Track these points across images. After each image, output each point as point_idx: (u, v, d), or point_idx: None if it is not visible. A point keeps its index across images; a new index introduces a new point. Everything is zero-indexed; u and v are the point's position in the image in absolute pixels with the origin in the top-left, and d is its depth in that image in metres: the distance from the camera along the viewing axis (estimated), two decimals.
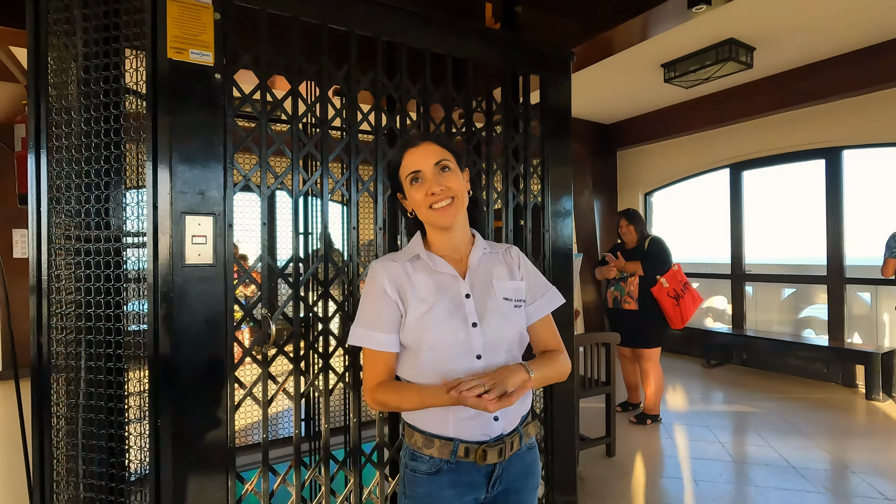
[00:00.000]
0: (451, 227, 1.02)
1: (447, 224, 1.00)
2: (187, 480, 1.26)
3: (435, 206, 0.98)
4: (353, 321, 1.04)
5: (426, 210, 0.99)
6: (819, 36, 3.63)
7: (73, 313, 1.34)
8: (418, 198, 1.00)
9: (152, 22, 1.23)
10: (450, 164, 1.00)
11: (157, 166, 1.23)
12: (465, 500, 0.99)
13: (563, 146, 1.93)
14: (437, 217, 0.99)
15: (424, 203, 0.99)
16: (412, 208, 1.04)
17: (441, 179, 0.98)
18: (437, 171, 0.99)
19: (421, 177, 1.00)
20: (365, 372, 1.03)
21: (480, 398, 0.84)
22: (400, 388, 0.99)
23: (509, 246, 1.14)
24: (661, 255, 3.36)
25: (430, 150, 1.00)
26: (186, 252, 1.25)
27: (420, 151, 1.00)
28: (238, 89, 1.36)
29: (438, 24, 1.63)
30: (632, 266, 3.37)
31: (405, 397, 0.97)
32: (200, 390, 1.28)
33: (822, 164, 4.62)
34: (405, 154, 1.03)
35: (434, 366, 0.97)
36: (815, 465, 2.74)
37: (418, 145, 1.02)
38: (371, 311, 1.00)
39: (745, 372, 4.86)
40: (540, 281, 1.11)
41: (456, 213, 1.00)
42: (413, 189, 1.00)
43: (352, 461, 1.54)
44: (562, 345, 1.11)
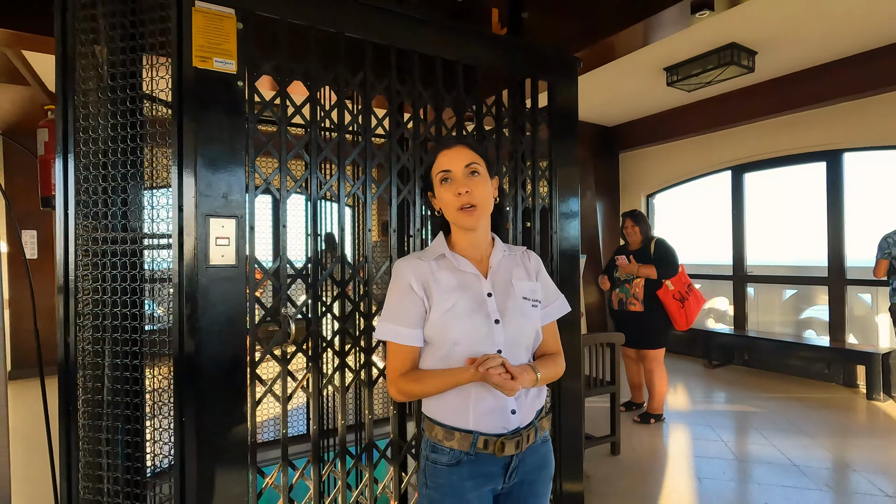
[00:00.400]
0: (475, 228, 1.07)
1: (472, 226, 1.06)
2: (210, 474, 1.31)
3: (463, 207, 1.03)
4: (380, 316, 1.08)
5: (453, 210, 1.04)
6: (819, 40, 3.68)
7: (99, 312, 1.39)
8: (446, 197, 1.05)
9: (178, 31, 1.28)
10: (479, 168, 1.05)
11: (183, 170, 1.27)
12: (484, 490, 1.03)
13: (570, 149, 1.97)
14: (463, 218, 1.04)
15: (452, 203, 1.04)
16: (440, 207, 1.09)
17: (469, 182, 1.03)
18: (467, 173, 1.04)
19: (451, 177, 1.04)
20: (389, 365, 1.07)
21: (502, 376, 0.92)
22: (422, 376, 1.04)
23: (526, 249, 1.20)
24: (669, 258, 3.39)
25: (463, 153, 1.05)
26: (210, 253, 1.29)
27: (453, 153, 1.05)
28: (259, 96, 1.40)
29: (451, 31, 1.68)
30: (645, 270, 3.38)
31: (428, 383, 1.03)
32: (223, 387, 1.32)
33: (822, 166, 4.67)
34: (439, 155, 1.08)
35: (457, 360, 1.01)
36: (816, 463, 2.78)
37: (452, 147, 1.07)
38: (397, 306, 1.05)
39: (746, 372, 4.90)
40: (551, 288, 1.18)
41: (480, 217, 1.05)
42: (442, 188, 1.05)
43: (367, 456, 1.58)
44: (560, 347, 1.19)
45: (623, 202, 6.26)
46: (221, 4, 1.31)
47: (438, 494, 1.02)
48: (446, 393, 1.03)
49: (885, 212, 4.46)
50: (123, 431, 1.39)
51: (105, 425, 1.40)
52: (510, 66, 1.83)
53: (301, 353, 1.49)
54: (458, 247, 1.11)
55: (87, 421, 1.43)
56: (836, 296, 4.60)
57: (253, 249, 1.37)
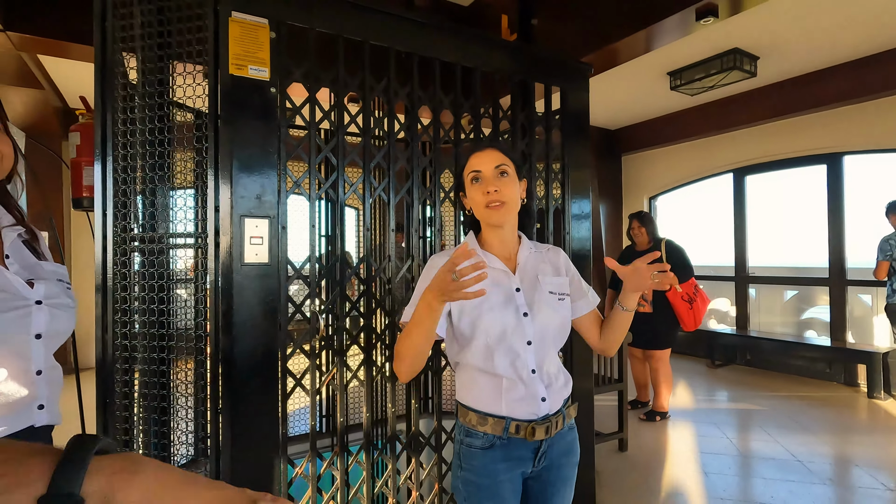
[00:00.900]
0: (502, 225, 1.13)
1: (499, 222, 1.12)
2: (245, 464, 1.36)
3: (490, 205, 1.09)
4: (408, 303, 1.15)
5: (482, 208, 1.11)
6: (821, 46, 3.76)
7: (137, 309, 1.45)
8: (476, 196, 1.11)
9: (214, 41, 1.34)
10: (508, 170, 1.12)
11: (219, 172, 1.34)
12: (515, 473, 1.10)
13: (582, 152, 2.04)
14: (490, 214, 1.10)
15: (481, 201, 1.10)
16: (470, 206, 1.16)
17: (498, 182, 1.10)
18: (497, 174, 1.10)
19: (481, 177, 1.11)
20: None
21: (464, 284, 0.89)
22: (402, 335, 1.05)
23: (551, 246, 1.27)
24: (685, 263, 3.45)
25: (493, 155, 1.12)
26: (245, 252, 1.36)
27: (484, 155, 1.12)
28: (290, 102, 1.47)
29: (470, 39, 1.74)
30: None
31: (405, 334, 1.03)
32: (257, 380, 1.38)
33: (823, 169, 4.74)
34: (471, 157, 1.15)
35: (486, 350, 1.08)
36: (819, 459, 2.84)
37: (483, 150, 1.13)
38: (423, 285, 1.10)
39: (749, 372, 4.96)
40: (583, 283, 1.25)
41: (507, 214, 1.11)
42: (473, 188, 1.12)
43: (390, 448, 1.64)
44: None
45: (626, 204, 6.33)
46: (256, 15, 1.38)
47: (473, 476, 1.08)
48: (479, 382, 1.10)
49: (884, 214, 4.52)
50: (157, 422, 1.45)
51: (142, 417, 1.46)
52: (525, 73, 1.89)
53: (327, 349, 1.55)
54: (486, 244, 1.18)
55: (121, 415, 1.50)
56: (837, 296, 4.67)
57: (285, 248, 1.43)
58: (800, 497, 2.40)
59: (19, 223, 1.00)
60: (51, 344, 0.96)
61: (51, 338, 0.96)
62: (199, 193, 1.59)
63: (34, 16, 2.68)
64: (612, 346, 1.22)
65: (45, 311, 0.94)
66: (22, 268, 0.96)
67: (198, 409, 1.52)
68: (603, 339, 1.22)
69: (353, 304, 1.59)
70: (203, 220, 1.44)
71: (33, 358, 0.92)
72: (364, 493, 1.59)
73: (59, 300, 0.98)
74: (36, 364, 0.93)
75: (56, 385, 0.98)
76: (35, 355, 0.93)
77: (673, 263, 3.41)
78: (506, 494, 1.08)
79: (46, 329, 0.94)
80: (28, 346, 0.92)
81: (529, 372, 1.09)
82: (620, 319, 1.17)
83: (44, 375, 0.94)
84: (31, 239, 1.04)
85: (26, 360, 0.91)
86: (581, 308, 1.22)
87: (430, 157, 1.71)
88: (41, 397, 0.94)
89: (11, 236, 0.98)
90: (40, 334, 0.93)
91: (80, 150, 1.80)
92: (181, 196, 1.57)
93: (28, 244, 1.02)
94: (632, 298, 1.13)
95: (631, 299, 1.13)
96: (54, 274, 1.02)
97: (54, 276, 1.01)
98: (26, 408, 0.91)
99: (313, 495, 1.49)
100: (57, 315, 0.96)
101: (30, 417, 0.92)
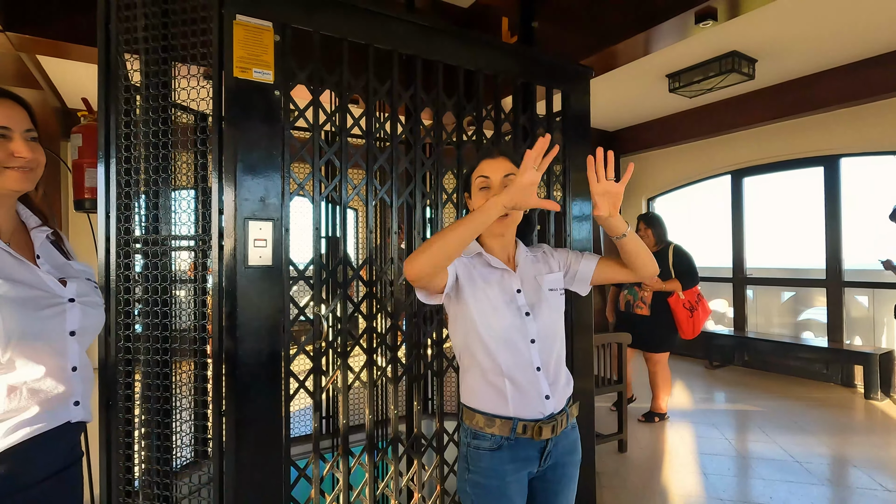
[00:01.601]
0: (503, 235, 1.18)
1: (501, 233, 1.17)
2: (247, 466, 1.37)
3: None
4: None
5: None
6: (819, 49, 3.78)
7: (140, 311, 1.45)
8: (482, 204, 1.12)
9: (219, 43, 1.35)
10: None
11: (223, 175, 1.34)
12: (521, 473, 1.11)
13: (583, 154, 2.05)
14: (494, 225, 1.11)
15: None
16: (474, 209, 1.16)
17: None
18: (504, 184, 1.13)
19: (489, 184, 1.14)
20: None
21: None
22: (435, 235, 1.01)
23: (537, 244, 1.31)
24: (691, 271, 3.45)
25: (503, 164, 1.14)
26: (249, 254, 1.36)
27: (495, 163, 1.15)
28: (294, 104, 1.47)
29: (473, 42, 1.75)
30: (671, 285, 3.40)
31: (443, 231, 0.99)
32: (260, 382, 1.38)
33: (820, 171, 4.77)
34: (482, 162, 1.17)
35: (490, 349, 1.10)
36: (818, 459, 2.85)
37: (495, 158, 1.16)
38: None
39: (746, 373, 4.98)
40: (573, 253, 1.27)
41: (509, 225, 1.15)
42: (479, 194, 1.15)
43: (392, 450, 1.64)
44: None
45: (624, 205, 6.32)
46: (260, 18, 1.38)
47: (481, 478, 1.10)
48: (485, 384, 1.11)
49: (881, 216, 4.55)
50: (159, 424, 1.45)
51: (144, 419, 1.46)
52: (528, 75, 1.90)
53: (330, 351, 1.56)
54: (486, 246, 1.21)
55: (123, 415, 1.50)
56: (834, 298, 4.69)
57: (288, 251, 1.44)
58: (799, 497, 2.41)
59: (45, 224, 1.02)
60: (84, 341, 0.98)
61: (84, 335, 0.98)
62: (203, 195, 1.59)
63: (34, 16, 2.67)
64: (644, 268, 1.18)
65: (77, 309, 0.96)
66: (53, 267, 0.98)
67: (200, 410, 1.52)
68: (632, 268, 1.18)
69: (355, 306, 1.60)
70: (206, 221, 1.44)
71: (69, 355, 0.94)
72: (367, 494, 1.59)
73: (90, 298, 1.01)
74: (72, 361, 0.95)
75: (89, 382, 1.00)
76: (71, 352, 0.95)
77: (678, 269, 3.44)
78: (513, 495, 1.10)
79: (80, 326, 0.96)
80: (65, 343, 0.94)
81: (534, 370, 1.11)
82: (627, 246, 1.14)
83: (79, 372, 0.96)
84: (58, 239, 1.07)
85: (63, 357, 0.93)
86: (589, 264, 1.22)
87: (433, 160, 1.72)
88: (77, 393, 0.95)
89: (41, 237, 1.00)
90: (74, 331, 0.95)
91: (82, 151, 1.80)
92: (184, 198, 1.58)
93: (55, 244, 1.04)
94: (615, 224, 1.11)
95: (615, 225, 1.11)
96: (83, 273, 1.04)
97: (83, 274, 1.04)
98: (63, 404, 0.93)
99: (316, 497, 1.50)
100: (89, 312, 0.99)
101: (67, 413, 0.94)
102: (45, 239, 1.01)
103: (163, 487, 1.45)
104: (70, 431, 0.95)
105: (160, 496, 1.45)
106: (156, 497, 1.44)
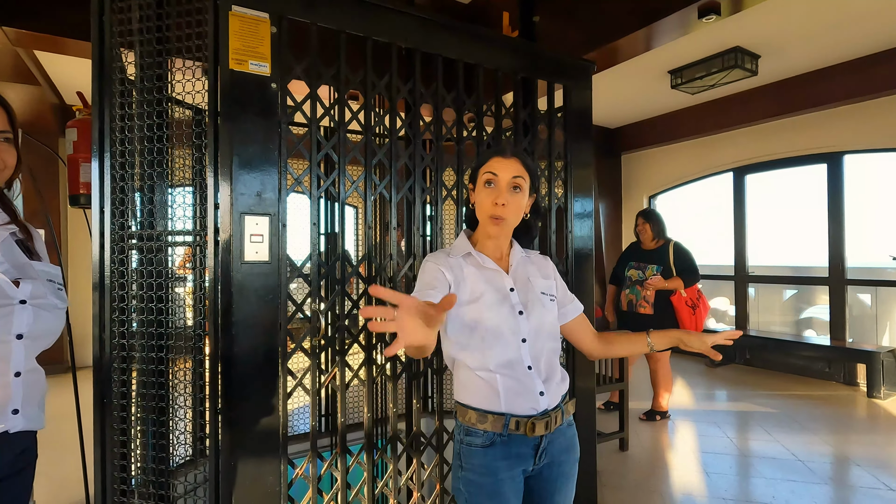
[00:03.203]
0: (498, 237, 1.16)
1: (496, 235, 1.15)
2: (244, 465, 1.35)
3: (494, 216, 1.11)
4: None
5: (485, 215, 1.12)
6: (822, 45, 3.75)
7: (135, 308, 1.43)
8: (484, 201, 1.12)
9: (214, 35, 1.32)
10: (523, 185, 1.13)
11: (219, 169, 1.32)
12: (515, 471, 1.09)
13: (585, 151, 2.03)
14: (490, 226, 1.12)
15: (487, 209, 1.11)
16: (475, 202, 1.17)
17: (509, 196, 1.10)
18: (510, 186, 1.11)
19: (495, 182, 1.11)
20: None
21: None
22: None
23: (539, 254, 1.30)
24: (692, 268, 3.42)
25: (514, 165, 1.12)
26: (245, 250, 1.34)
27: (505, 162, 1.12)
28: (291, 98, 1.45)
29: (473, 36, 1.73)
30: (673, 283, 3.37)
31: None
32: (257, 380, 1.36)
33: (823, 168, 4.74)
34: (493, 158, 1.14)
35: (483, 348, 1.08)
36: (820, 458, 2.83)
37: (507, 157, 1.13)
38: (428, 280, 1.10)
39: (748, 371, 4.96)
40: (568, 291, 1.29)
41: (505, 228, 1.14)
42: (484, 191, 1.12)
43: (391, 448, 1.62)
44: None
45: (625, 203, 6.32)
46: (256, 9, 1.36)
47: (474, 475, 1.08)
48: (477, 380, 1.10)
49: (884, 213, 4.53)
50: (154, 422, 1.43)
51: (140, 417, 1.44)
52: (529, 70, 1.88)
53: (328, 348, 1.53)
54: (480, 244, 1.19)
55: (118, 414, 1.48)
56: (837, 296, 4.67)
57: (285, 246, 1.41)
58: (801, 497, 2.39)
59: (13, 221, 0.98)
60: (34, 345, 0.94)
61: (34, 339, 0.93)
62: (198, 190, 1.57)
63: (30, 11, 2.65)
64: (607, 356, 1.29)
65: (28, 311, 0.92)
66: (12, 266, 0.94)
67: (196, 408, 1.50)
68: (607, 347, 1.26)
69: (354, 302, 1.57)
70: (202, 217, 1.42)
71: (12, 359, 0.90)
72: (365, 493, 1.57)
73: (46, 300, 0.96)
74: (14, 366, 0.90)
75: (36, 388, 0.95)
76: (14, 356, 0.90)
77: (679, 267, 3.42)
78: (507, 493, 1.08)
79: (29, 330, 0.91)
80: (8, 347, 0.89)
81: (525, 368, 1.10)
82: (637, 347, 1.23)
83: (22, 378, 0.91)
84: (26, 238, 1.02)
85: (4, 362, 0.89)
86: (569, 312, 1.25)
87: (432, 155, 1.70)
88: (16, 401, 0.90)
89: (3, 234, 0.96)
90: (22, 335, 0.90)
91: (77, 146, 1.78)
92: (180, 193, 1.56)
93: (21, 243, 1.00)
94: (666, 344, 1.20)
95: (664, 344, 1.20)
96: (45, 274, 1.00)
97: (44, 275, 0.99)
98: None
99: (314, 496, 1.48)
100: (42, 315, 0.94)
101: (3, 422, 0.89)
102: (7, 236, 0.97)
103: (158, 486, 1.43)
104: (7, 442, 0.90)
105: (156, 495, 1.43)
106: (151, 496, 1.42)
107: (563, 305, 1.24)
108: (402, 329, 0.68)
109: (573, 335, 1.27)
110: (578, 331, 1.26)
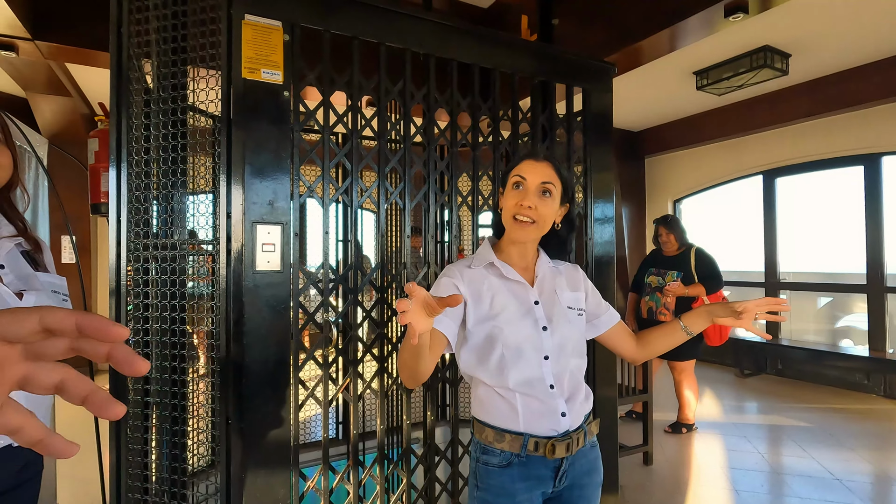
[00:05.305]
0: (524, 242, 1.09)
1: (522, 239, 1.08)
2: (255, 476, 1.33)
3: (518, 218, 1.05)
4: None
5: (510, 218, 1.07)
6: (857, 41, 3.59)
7: (150, 316, 1.43)
8: (509, 203, 1.07)
9: (227, 44, 1.32)
10: (553, 191, 1.07)
11: (231, 178, 1.31)
12: (534, 493, 1.04)
13: (605, 155, 1.96)
14: (515, 228, 1.07)
15: (512, 210, 1.06)
16: (502, 207, 1.12)
17: (538, 200, 1.05)
18: (539, 190, 1.06)
19: (524, 185, 1.06)
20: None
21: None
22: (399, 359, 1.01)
23: (569, 263, 1.23)
24: (715, 274, 3.31)
25: (545, 170, 1.07)
26: (257, 259, 1.33)
27: (537, 166, 1.07)
28: (303, 105, 1.44)
29: (489, 40, 1.69)
30: (695, 290, 3.27)
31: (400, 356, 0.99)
32: (268, 390, 1.35)
33: (860, 170, 4.53)
34: (524, 161, 1.10)
35: (502, 363, 1.03)
36: (860, 477, 2.68)
37: (538, 161, 1.08)
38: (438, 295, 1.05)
39: (780, 382, 4.76)
40: (602, 300, 1.22)
41: (532, 233, 1.07)
42: (511, 193, 1.08)
43: (405, 461, 1.59)
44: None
45: (649, 207, 6.17)
46: (269, 17, 1.35)
47: (490, 496, 1.03)
48: (495, 397, 1.05)
49: None
50: (169, 431, 1.43)
51: (155, 425, 1.44)
52: (547, 73, 1.83)
53: (340, 358, 1.51)
54: (504, 253, 1.13)
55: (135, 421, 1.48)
56: (876, 304, 4.44)
57: (296, 255, 1.40)
58: None
59: (20, 234, 0.98)
60: None
61: None
62: (214, 199, 1.57)
63: (60, 25, 2.74)
64: (650, 356, 1.20)
65: None
66: (17, 278, 0.94)
67: (208, 417, 1.49)
68: (646, 348, 1.19)
69: (367, 312, 1.55)
70: (214, 226, 1.42)
71: None
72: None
73: None
74: None
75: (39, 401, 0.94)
76: None
77: (702, 273, 3.30)
78: None
79: None
80: None
81: (547, 387, 1.04)
82: (676, 337, 1.15)
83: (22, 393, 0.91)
84: (34, 250, 1.02)
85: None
86: (606, 322, 1.18)
87: (447, 161, 1.67)
88: None
89: (8, 246, 0.96)
90: None
91: (99, 155, 1.81)
92: (198, 202, 1.56)
93: (28, 255, 1.00)
94: (701, 324, 1.12)
95: (699, 324, 1.12)
96: (50, 285, 1.00)
97: (49, 287, 0.99)
98: None
99: None
100: None
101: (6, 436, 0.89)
102: (13, 248, 0.97)
103: (171, 496, 1.43)
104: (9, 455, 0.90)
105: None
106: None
107: (597, 316, 1.19)
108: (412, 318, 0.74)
109: (613, 344, 1.21)
110: (618, 339, 1.20)
